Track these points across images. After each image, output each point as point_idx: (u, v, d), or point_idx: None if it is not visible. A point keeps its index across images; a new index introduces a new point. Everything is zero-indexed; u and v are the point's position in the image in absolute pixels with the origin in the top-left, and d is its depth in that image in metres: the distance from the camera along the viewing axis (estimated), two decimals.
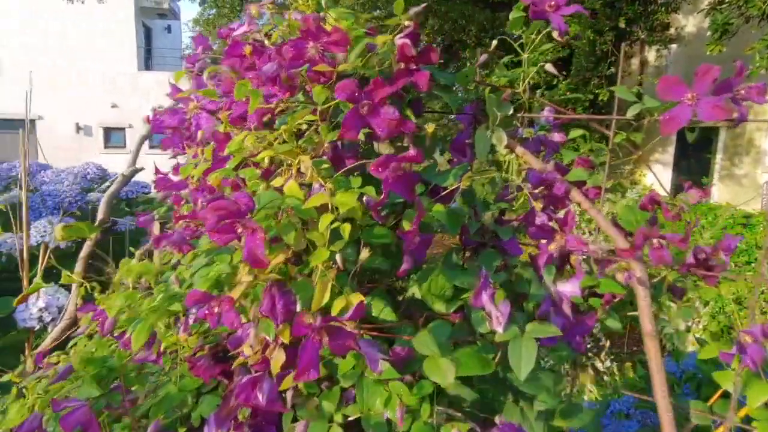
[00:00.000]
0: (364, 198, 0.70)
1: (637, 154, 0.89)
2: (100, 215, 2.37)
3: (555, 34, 0.88)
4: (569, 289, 0.88)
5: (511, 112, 0.91)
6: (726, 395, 0.91)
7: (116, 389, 0.81)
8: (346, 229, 0.62)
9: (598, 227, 1.01)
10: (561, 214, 1.02)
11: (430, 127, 0.82)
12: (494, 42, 0.93)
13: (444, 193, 0.86)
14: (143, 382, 0.88)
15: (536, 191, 0.87)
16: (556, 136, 0.99)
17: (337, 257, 0.63)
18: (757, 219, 6.76)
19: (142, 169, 2.56)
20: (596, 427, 0.85)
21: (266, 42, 0.93)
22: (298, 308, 0.71)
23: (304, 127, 0.75)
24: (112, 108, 14.44)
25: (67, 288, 2.57)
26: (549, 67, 0.90)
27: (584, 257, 0.94)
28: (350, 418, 0.70)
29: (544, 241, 0.94)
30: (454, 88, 1.06)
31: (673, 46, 9.25)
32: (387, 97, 0.70)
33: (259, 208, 0.65)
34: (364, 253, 0.66)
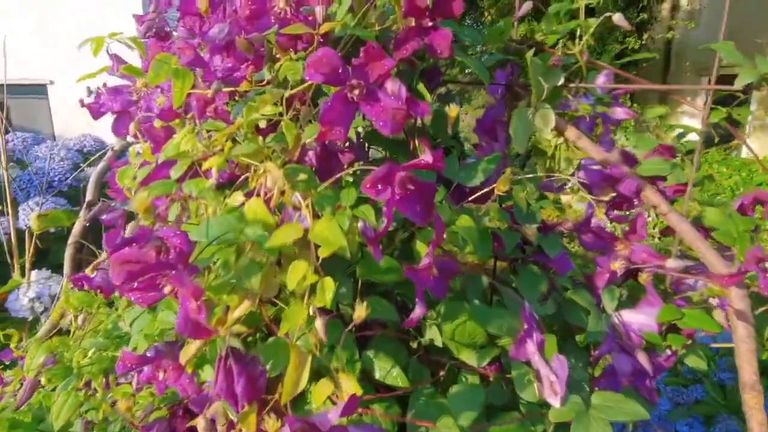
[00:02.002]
0: (359, 225, 0.48)
1: (741, 140, 0.64)
2: (88, 196, 2.19)
3: None
4: (640, 321, 0.66)
5: (561, 81, 0.67)
6: None
7: None
8: (328, 287, 0.41)
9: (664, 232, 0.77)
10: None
11: (453, 110, 0.59)
12: None
13: (473, 197, 0.64)
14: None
15: (598, 193, 0.64)
16: (620, 112, 0.74)
17: (318, 324, 0.42)
18: None
19: (135, 142, 2.36)
20: None
21: None
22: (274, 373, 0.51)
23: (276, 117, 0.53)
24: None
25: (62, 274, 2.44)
26: (618, 18, 0.65)
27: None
28: None
29: (602, 255, 0.72)
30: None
31: None
32: (389, 73, 0.46)
33: (203, 248, 0.44)
34: (360, 310, 0.44)
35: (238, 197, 0.50)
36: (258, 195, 0.52)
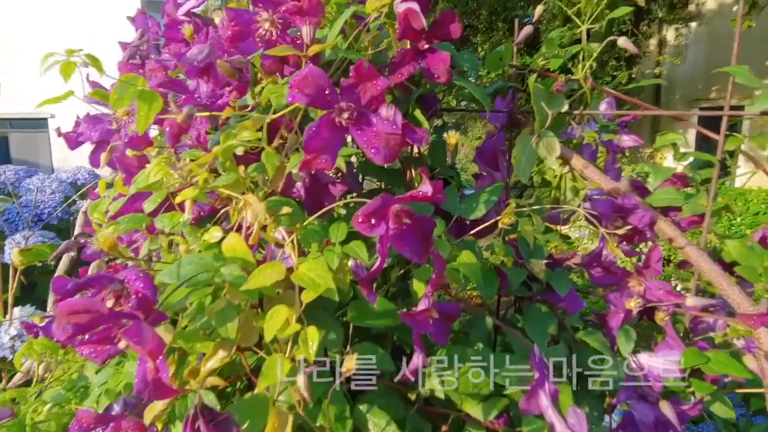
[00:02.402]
0: (350, 263, 0.43)
1: (760, 167, 0.60)
2: (77, 229, 2.14)
3: None
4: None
5: (565, 108, 0.63)
6: None
7: None
8: (312, 337, 0.35)
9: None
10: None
11: (452, 138, 0.55)
12: (539, 8, 0.65)
13: (474, 231, 0.59)
14: None
15: (609, 224, 0.59)
16: (627, 140, 0.70)
17: (300, 382, 0.36)
18: None
19: None
20: None
21: (218, 20, 0.66)
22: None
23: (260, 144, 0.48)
24: None
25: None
26: (624, 41, 0.62)
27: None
28: None
29: (614, 292, 0.67)
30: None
31: (693, 24, 8.78)
32: (383, 95, 0.42)
33: (172, 290, 0.38)
34: (350, 362, 0.39)
35: (215, 233, 0.45)
36: (239, 230, 0.47)
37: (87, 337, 0.34)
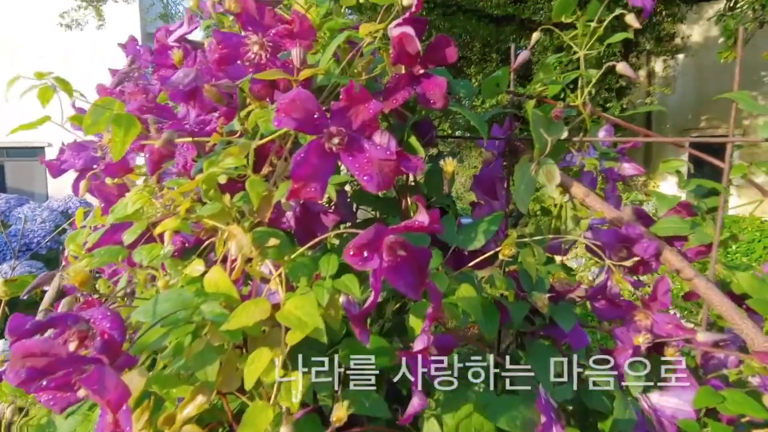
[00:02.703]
0: (341, 299, 0.40)
1: (766, 195, 0.58)
2: (65, 260, 2.09)
3: (629, 18, 0.59)
4: (673, 405, 0.57)
5: (565, 134, 0.62)
6: None
7: None
8: (296, 385, 0.32)
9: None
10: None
11: (448, 165, 0.53)
12: (535, 35, 0.64)
13: (473, 262, 0.56)
14: None
15: (614, 256, 0.57)
16: (628, 168, 0.69)
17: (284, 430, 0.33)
18: None
19: None
20: None
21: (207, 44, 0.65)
22: None
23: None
24: None
25: None
26: (623, 67, 0.60)
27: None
28: None
29: (621, 326, 0.64)
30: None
31: (680, 56, 9.02)
32: (376, 119, 0.40)
33: (146, 329, 0.35)
34: (340, 411, 0.35)
35: (197, 266, 0.42)
36: (225, 263, 0.44)
37: (45, 382, 0.30)
